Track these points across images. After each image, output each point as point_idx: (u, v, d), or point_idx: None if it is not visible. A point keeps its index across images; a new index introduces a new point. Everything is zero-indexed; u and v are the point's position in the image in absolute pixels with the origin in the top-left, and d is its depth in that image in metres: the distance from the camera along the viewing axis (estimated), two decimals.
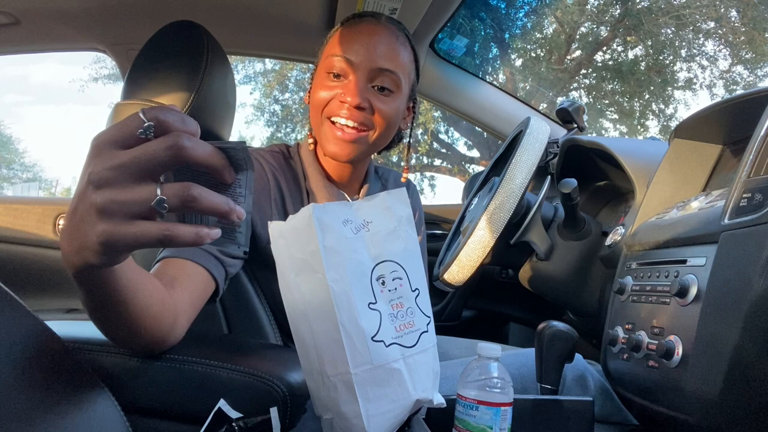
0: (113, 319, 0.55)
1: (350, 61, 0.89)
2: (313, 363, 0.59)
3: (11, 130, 23.68)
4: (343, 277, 0.56)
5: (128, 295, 0.52)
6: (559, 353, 0.86)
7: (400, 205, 0.62)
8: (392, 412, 0.58)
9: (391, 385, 0.58)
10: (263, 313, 0.92)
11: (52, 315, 1.71)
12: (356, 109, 0.88)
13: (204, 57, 1.05)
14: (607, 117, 9.26)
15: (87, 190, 0.41)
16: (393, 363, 0.57)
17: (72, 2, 1.40)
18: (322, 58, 0.94)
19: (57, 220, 1.72)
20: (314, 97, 0.92)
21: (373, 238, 0.59)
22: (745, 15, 7.62)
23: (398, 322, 0.59)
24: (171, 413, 0.66)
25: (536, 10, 7.64)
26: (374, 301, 0.57)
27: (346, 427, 0.58)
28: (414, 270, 0.61)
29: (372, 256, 0.58)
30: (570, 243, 1.08)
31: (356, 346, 0.55)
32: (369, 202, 0.61)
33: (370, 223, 0.59)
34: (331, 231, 0.56)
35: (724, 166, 0.92)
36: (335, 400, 0.57)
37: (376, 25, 0.92)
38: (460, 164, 9.66)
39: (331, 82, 0.91)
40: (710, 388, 0.63)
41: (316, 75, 0.95)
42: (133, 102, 1.00)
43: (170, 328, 0.63)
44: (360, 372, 0.56)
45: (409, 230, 0.62)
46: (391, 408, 0.58)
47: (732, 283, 0.62)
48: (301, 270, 0.57)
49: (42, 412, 0.46)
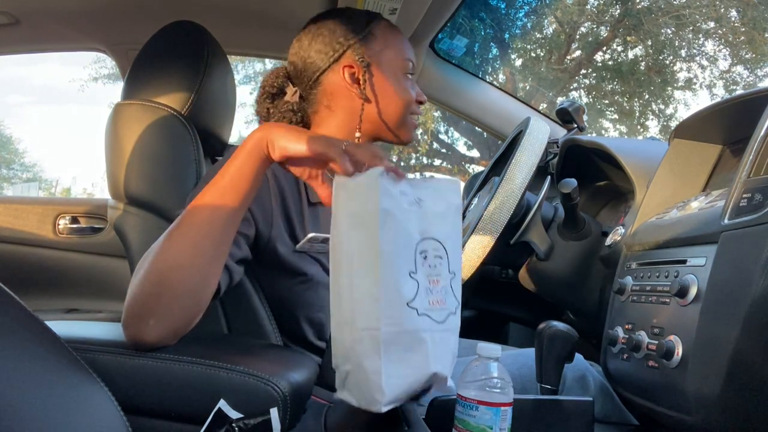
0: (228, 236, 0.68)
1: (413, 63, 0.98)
2: (345, 314, 0.61)
3: (11, 130, 23.70)
4: (393, 241, 0.59)
5: None
6: (559, 353, 0.86)
7: (452, 193, 0.66)
8: (409, 378, 0.60)
9: (414, 351, 0.60)
10: (263, 313, 0.92)
11: (52, 315, 1.71)
12: None
13: (204, 57, 1.05)
14: (607, 117, 9.26)
15: None
16: (422, 332, 0.60)
17: (72, 2, 1.40)
18: (391, 58, 0.95)
19: (57, 220, 1.72)
20: (401, 95, 0.95)
21: (424, 215, 0.62)
22: (745, 15, 7.62)
23: (432, 297, 0.61)
24: (171, 413, 0.66)
25: (536, 10, 7.63)
26: (414, 271, 0.60)
27: (362, 381, 0.60)
28: (454, 254, 0.64)
29: (419, 231, 0.62)
30: (570, 243, 1.08)
31: (391, 307, 0.58)
32: (425, 183, 0.65)
33: (422, 201, 0.63)
34: (391, 197, 0.59)
35: (724, 166, 0.92)
36: (358, 352, 0.59)
37: None
38: (460, 164, 9.66)
39: (408, 82, 0.97)
40: (710, 388, 0.63)
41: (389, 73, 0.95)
42: (133, 102, 1.00)
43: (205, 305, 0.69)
44: (389, 331, 0.58)
45: (456, 218, 0.66)
46: (409, 374, 0.60)
47: (732, 283, 0.62)
48: (355, 225, 0.60)
49: (41, 412, 0.46)
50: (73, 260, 1.71)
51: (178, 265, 0.65)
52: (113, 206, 1.01)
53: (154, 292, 0.65)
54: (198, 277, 0.67)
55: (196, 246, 0.66)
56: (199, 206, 0.67)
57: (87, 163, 42.57)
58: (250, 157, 0.66)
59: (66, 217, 1.73)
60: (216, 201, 0.67)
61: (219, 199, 0.67)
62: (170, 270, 0.65)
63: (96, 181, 18.28)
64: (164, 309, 0.65)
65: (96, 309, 1.76)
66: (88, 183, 24.60)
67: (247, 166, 0.66)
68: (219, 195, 0.67)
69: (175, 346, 0.68)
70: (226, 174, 0.67)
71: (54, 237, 1.71)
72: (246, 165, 0.66)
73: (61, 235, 1.71)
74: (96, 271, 1.72)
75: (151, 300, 0.65)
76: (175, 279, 0.65)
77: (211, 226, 0.67)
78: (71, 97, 47.27)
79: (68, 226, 1.72)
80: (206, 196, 0.67)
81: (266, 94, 0.96)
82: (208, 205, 0.67)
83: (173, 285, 0.65)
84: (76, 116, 43.06)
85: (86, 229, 1.73)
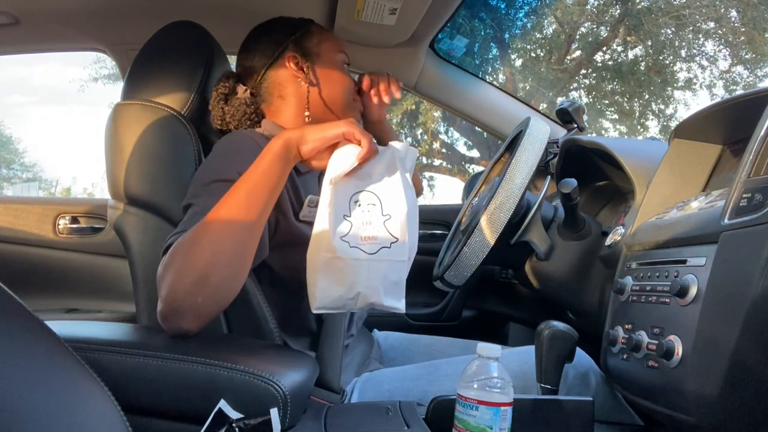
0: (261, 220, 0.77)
1: None
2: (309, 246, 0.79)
3: (11, 130, 23.69)
4: (336, 194, 0.79)
5: None
6: (559, 353, 0.86)
7: (395, 156, 0.82)
8: (336, 293, 0.77)
9: (344, 274, 0.77)
10: (263, 313, 0.92)
11: (52, 315, 1.71)
12: None
13: (204, 57, 1.05)
14: (607, 117, 9.26)
15: None
16: (351, 260, 0.77)
17: (72, 2, 1.40)
18: (328, 48, 1.08)
19: (57, 220, 1.72)
20: (341, 81, 1.09)
21: (362, 174, 0.81)
22: (745, 15, 7.62)
23: (364, 233, 0.78)
24: (171, 413, 0.66)
25: (536, 10, 7.62)
26: (348, 215, 0.79)
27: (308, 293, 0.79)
28: (387, 201, 0.80)
29: (355, 185, 0.80)
30: (570, 243, 1.08)
31: (330, 240, 0.76)
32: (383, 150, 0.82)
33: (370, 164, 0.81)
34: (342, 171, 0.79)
35: (724, 166, 0.92)
36: (308, 269, 0.79)
37: None
38: (460, 164, 9.66)
39: (345, 70, 1.10)
40: (710, 388, 0.63)
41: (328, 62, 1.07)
42: (133, 102, 1.00)
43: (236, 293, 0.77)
44: (326, 257, 0.76)
45: (394, 174, 0.82)
46: (337, 289, 0.77)
47: (732, 283, 0.62)
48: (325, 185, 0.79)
49: (41, 412, 0.46)
50: (73, 260, 1.71)
51: (214, 264, 0.71)
52: (113, 206, 1.01)
53: (192, 290, 0.70)
54: (233, 273, 0.74)
55: (232, 246, 0.73)
56: (231, 208, 0.74)
57: (87, 163, 42.59)
58: (279, 159, 0.77)
59: (66, 217, 1.73)
60: (248, 202, 0.75)
61: (251, 201, 0.75)
62: (208, 269, 0.71)
63: (96, 181, 18.30)
64: (202, 304, 0.71)
65: (96, 309, 1.76)
66: (88, 183, 24.59)
67: (276, 167, 0.77)
68: (249, 197, 0.75)
69: (176, 346, 0.68)
70: (251, 177, 0.76)
71: (54, 237, 1.71)
72: (275, 167, 0.77)
73: (61, 235, 1.72)
74: (96, 271, 1.72)
75: (189, 298, 0.70)
76: (213, 278, 0.71)
77: (245, 227, 0.74)
78: (71, 98, 47.28)
79: (68, 226, 1.73)
80: (236, 198, 0.75)
81: (220, 97, 1.03)
82: (241, 206, 0.74)
83: (211, 283, 0.71)
84: (76, 116, 43.06)
85: (86, 229, 1.74)
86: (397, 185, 0.81)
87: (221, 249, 0.72)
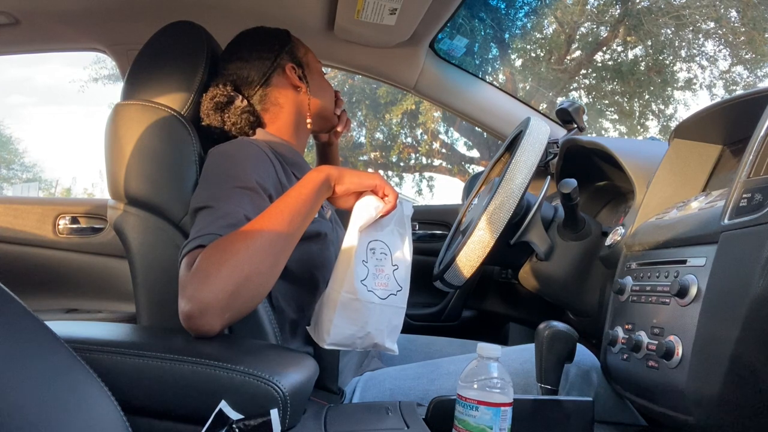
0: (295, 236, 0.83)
1: None
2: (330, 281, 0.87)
3: (11, 130, 23.69)
4: (357, 240, 0.85)
5: None
6: (559, 353, 0.86)
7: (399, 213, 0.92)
8: (349, 331, 0.84)
9: (359, 314, 0.84)
10: (263, 313, 0.92)
11: (52, 315, 1.71)
12: None
13: (204, 57, 1.05)
14: (607, 117, 9.26)
15: None
16: (367, 302, 0.84)
17: (72, 2, 1.40)
18: (312, 60, 1.15)
19: (57, 220, 1.72)
20: (328, 89, 1.16)
21: (376, 225, 0.90)
22: (745, 15, 7.61)
23: (378, 280, 0.87)
24: (171, 413, 0.66)
25: (536, 10, 7.62)
26: (366, 261, 0.87)
27: (320, 324, 0.86)
28: (396, 253, 0.89)
29: (371, 235, 0.89)
30: (570, 243, 1.08)
31: (351, 282, 0.83)
32: None
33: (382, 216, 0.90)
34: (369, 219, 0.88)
35: (724, 166, 0.92)
36: (324, 305, 0.86)
37: None
38: (460, 164, 9.66)
39: None
40: (710, 388, 0.63)
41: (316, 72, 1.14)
42: (133, 102, 1.00)
43: None
44: (346, 297, 0.83)
45: (399, 229, 0.92)
46: (351, 328, 0.84)
47: (732, 283, 0.62)
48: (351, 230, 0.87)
49: (41, 412, 0.46)
50: (73, 260, 1.71)
51: (258, 272, 0.77)
52: (113, 206, 1.01)
53: (226, 297, 0.74)
54: (265, 283, 0.80)
55: (271, 262, 0.79)
56: (274, 227, 0.80)
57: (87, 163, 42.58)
58: (319, 190, 0.86)
59: (66, 217, 1.73)
60: (289, 224, 0.82)
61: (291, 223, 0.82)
62: (244, 280, 0.76)
63: (96, 181, 18.29)
64: (240, 305, 0.76)
65: (96, 309, 1.76)
66: (88, 183, 24.60)
67: (315, 197, 0.85)
68: (291, 219, 0.82)
69: (176, 346, 0.68)
70: (293, 201, 0.83)
71: (54, 237, 1.71)
72: (314, 196, 0.85)
73: (61, 235, 1.72)
74: (96, 271, 1.72)
75: (231, 299, 0.75)
76: (254, 283, 0.77)
77: (284, 245, 0.81)
78: (72, 98, 47.23)
79: (68, 226, 1.73)
80: (279, 218, 0.81)
81: (217, 105, 1.04)
82: (283, 226, 0.81)
83: (252, 287, 0.77)
84: (76, 117, 43.06)
85: (86, 229, 1.74)
86: (404, 239, 0.91)
87: (260, 262, 0.77)
